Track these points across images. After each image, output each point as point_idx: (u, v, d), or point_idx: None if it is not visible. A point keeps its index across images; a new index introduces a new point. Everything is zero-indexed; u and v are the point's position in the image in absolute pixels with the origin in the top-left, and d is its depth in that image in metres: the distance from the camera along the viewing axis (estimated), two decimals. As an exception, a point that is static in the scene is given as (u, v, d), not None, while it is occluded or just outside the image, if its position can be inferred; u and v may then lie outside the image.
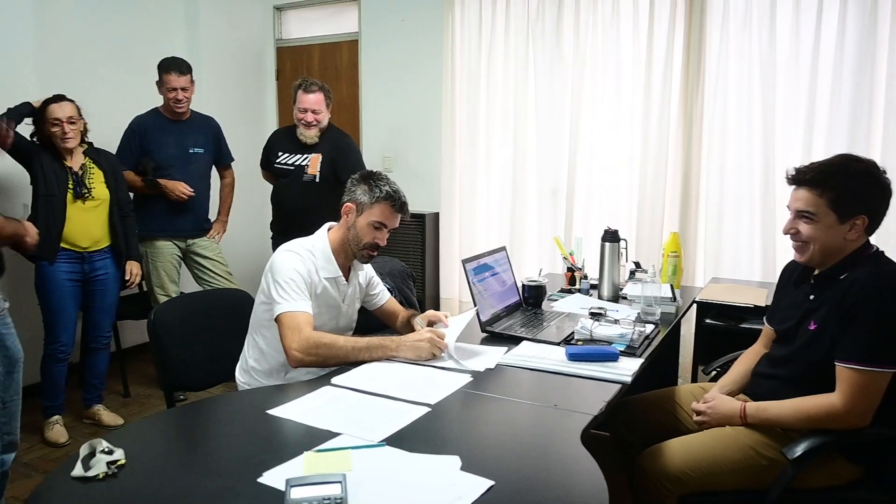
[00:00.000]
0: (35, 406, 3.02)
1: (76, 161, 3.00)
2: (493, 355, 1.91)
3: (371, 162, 3.58)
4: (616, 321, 2.01)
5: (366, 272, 2.20)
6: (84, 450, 1.27)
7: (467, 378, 1.75)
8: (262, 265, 2.06)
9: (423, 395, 1.62)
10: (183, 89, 3.40)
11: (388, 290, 2.35)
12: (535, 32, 3.77)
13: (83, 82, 3.15)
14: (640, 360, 1.83)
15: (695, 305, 2.61)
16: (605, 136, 3.66)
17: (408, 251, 4.16)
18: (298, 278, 1.92)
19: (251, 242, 4.49)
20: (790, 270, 1.89)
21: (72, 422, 3.23)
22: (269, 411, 1.53)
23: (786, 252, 2.07)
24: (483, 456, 1.33)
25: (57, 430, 3.07)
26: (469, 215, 4.13)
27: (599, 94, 3.64)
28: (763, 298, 2.52)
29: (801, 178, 1.67)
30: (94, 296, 3.12)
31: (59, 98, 2.92)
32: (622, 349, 1.87)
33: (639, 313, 2.23)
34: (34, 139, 2.96)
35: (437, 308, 4.22)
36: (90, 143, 3.10)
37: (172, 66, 3.38)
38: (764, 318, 1.99)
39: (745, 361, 1.93)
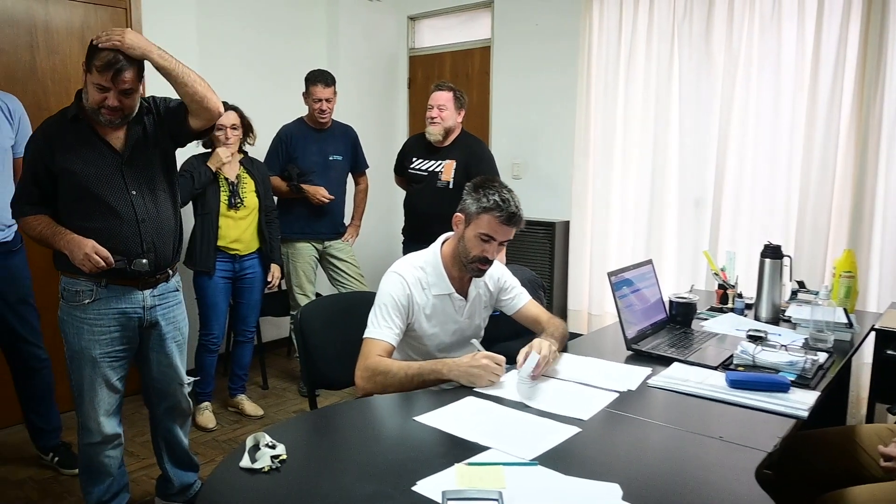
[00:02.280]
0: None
1: (232, 170, 3.21)
2: (634, 375, 1.80)
3: (501, 168, 3.54)
4: (783, 347, 1.83)
5: (496, 276, 2.10)
6: (249, 441, 1.32)
7: (613, 395, 1.66)
8: (391, 269, 2.06)
9: (570, 410, 1.56)
10: (327, 100, 3.55)
11: None
12: (681, 33, 3.57)
13: (239, 96, 3.36)
14: (815, 393, 1.64)
15: (873, 333, 2.33)
16: (759, 143, 3.39)
17: (535, 260, 4.08)
18: (392, 304, 1.88)
19: (381, 247, 4.60)
20: None
21: (217, 409, 3.43)
22: (416, 418, 1.53)
23: None
24: (645, 486, 1.24)
25: (206, 416, 3.30)
26: (602, 225, 3.98)
27: (754, 98, 3.37)
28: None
29: None
30: (242, 293, 3.34)
31: (224, 107, 3.13)
32: (792, 379, 1.70)
33: (806, 339, 2.02)
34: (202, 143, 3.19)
35: (563, 321, 4.10)
36: (245, 153, 3.30)
37: (319, 78, 3.53)
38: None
39: None
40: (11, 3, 3.04)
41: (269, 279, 3.38)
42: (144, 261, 2.06)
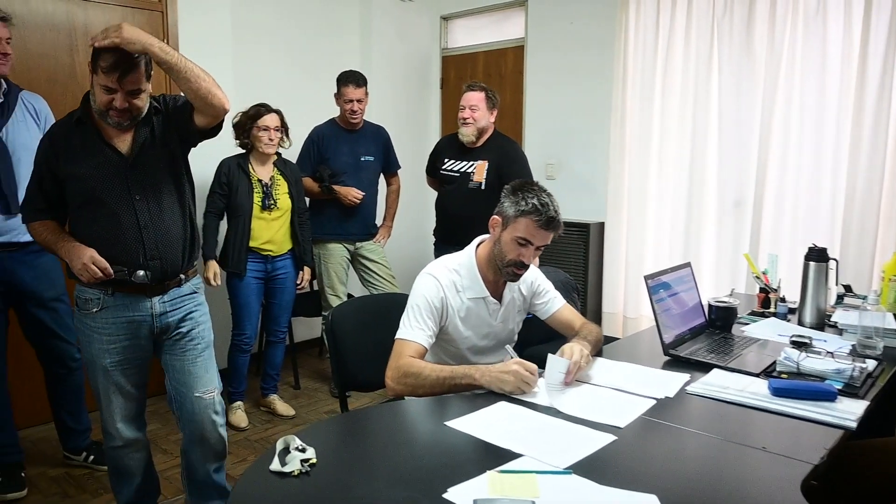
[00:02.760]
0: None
1: (266, 171, 3.24)
2: (672, 382, 1.75)
3: (534, 168, 3.49)
4: (829, 354, 1.75)
5: (529, 280, 2.06)
6: (280, 444, 1.31)
7: (650, 403, 1.61)
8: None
9: (605, 417, 1.53)
10: (358, 101, 3.54)
11: None
12: (721, 30, 3.48)
13: (273, 96, 3.39)
14: (863, 403, 1.57)
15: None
16: (803, 142, 3.29)
17: (569, 262, 4.03)
18: (425, 305, 1.86)
19: (413, 248, 4.59)
20: None
21: (250, 408, 3.46)
22: (447, 423, 1.50)
23: None
24: (684, 498, 1.20)
25: (239, 415, 3.32)
26: (638, 226, 3.91)
27: (797, 96, 3.27)
28: None
29: None
30: (274, 293, 3.37)
31: (269, 109, 3.18)
32: (839, 387, 1.63)
33: (854, 345, 1.94)
34: (239, 141, 3.21)
35: (597, 324, 4.03)
36: (279, 154, 3.32)
37: (350, 79, 3.54)
38: None
39: None
40: (53, 7, 3.11)
41: (299, 281, 3.40)
42: (142, 273, 1.98)
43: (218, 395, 2.19)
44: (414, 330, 1.84)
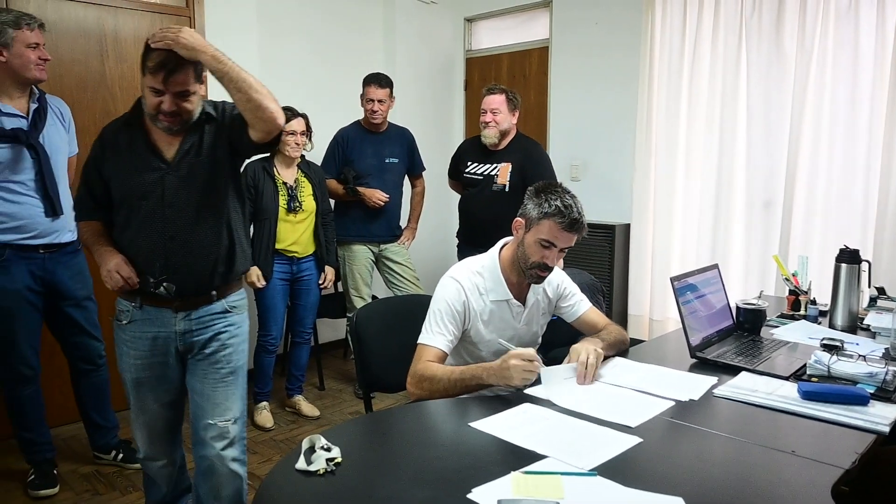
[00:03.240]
0: (247, 392, 3.31)
1: (291, 174, 3.28)
2: (698, 384, 1.73)
3: (558, 170, 3.49)
4: (862, 357, 1.72)
5: (555, 283, 2.05)
6: (305, 444, 1.32)
7: (668, 404, 1.60)
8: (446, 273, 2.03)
9: (619, 417, 1.52)
10: (380, 101, 3.56)
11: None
12: (749, 29, 3.43)
13: (299, 99, 3.43)
14: (897, 407, 1.54)
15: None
16: (834, 142, 3.23)
17: (594, 264, 3.99)
18: (447, 309, 1.86)
19: (438, 249, 4.60)
20: None
21: (275, 409, 3.49)
22: (471, 424, 1.50)
23: None
24: (711, 501, 1.18)
25: (264, 416, 3.36)
26: (664, 228, 3.87)
27: (829, 94, 3.21)
28: None
29: None
30: (300, 294, 3.40)
31: (295, 113, 3.22)
32: (872, 391, 1.59)
33: (887, 349, 1.89)
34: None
35: (623, 326, 3.97)
36: (303, 157, 3.36)
37: (373, 80, 3.57)
38: None
39: None
40: (83, 14, 3.17)
41: (321, 281, 3.42)
42: (163, 287, 1.88)
43: (237, 427, 2.02)
44: (434, 335, 1.85)
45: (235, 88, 1.78)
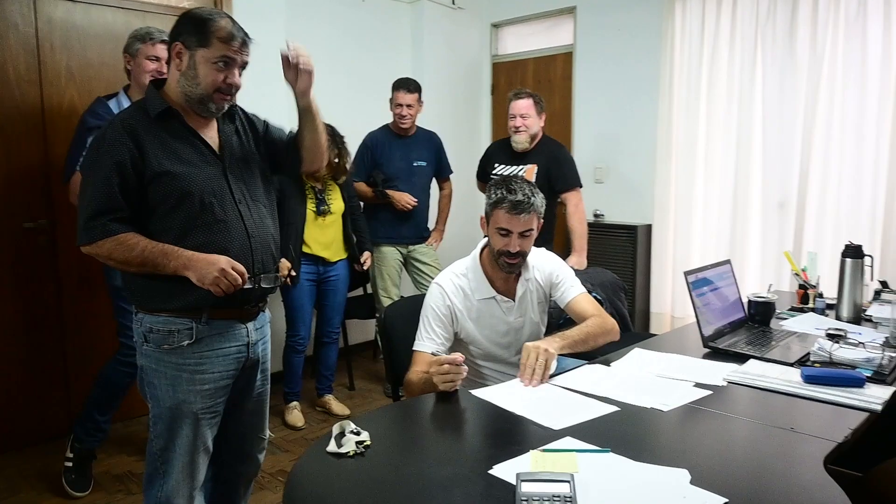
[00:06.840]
0: (278, 391, 3.31)
1: (318, 178, 3.33)
2: (714, 372, 1.84)
3: (583, 173, 3.60)
4: (862, 344, 1.83)
5: (547, 270, 2.07)
6: (336, 429, 1.39)
7: (696, 391, 1.70)
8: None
9: (646, 401, 1.63)
10: (408, 106, 3.66)
11: (598, 300, 2.24)
12: (764, 35, 3.54)
13: (325, 103, 3.52)
14: (890, 388, 1.65)
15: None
16: (844, 144, 3.33)
17: (617, 263, 4.11)
18: (433, 315, 1.96)
19: (465, 251, 4.64)
20: None
21: (306, 408, 3.53)
22: (495, 403, 1.62)
23: None
24: (713, 472, 1.29)
25: (295, 415, 3.42)
26: (685, 228, 3.97)
27: (839, 99, 3.31)
28: None
29: None
30: (327, 295, 3.44)
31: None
32: (868, 374, 1.71)
33: (887, 338, 2.00)
34: None
35: (645, 324, 4.12)
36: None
37: (402, 85, 3.68)
38: None
39: None
40: (112, 18, 3.21)
41: (363, 259, 3.42)
42: (274, 275, 1.74)
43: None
44: (423, 341, 1.96)
45: (313, 128, 1.83)
